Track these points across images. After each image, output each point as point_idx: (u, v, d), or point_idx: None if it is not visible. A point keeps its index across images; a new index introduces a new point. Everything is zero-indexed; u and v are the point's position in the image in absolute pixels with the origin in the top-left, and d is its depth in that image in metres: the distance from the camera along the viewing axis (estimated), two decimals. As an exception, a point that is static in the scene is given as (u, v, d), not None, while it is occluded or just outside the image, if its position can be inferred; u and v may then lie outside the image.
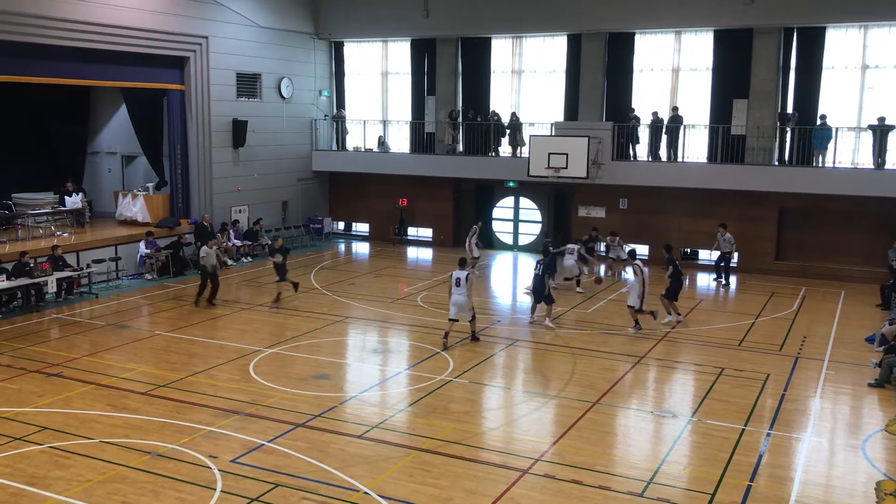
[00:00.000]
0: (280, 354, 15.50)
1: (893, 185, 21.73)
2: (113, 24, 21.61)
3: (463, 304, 16.15)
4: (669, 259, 18.29)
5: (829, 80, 23.39)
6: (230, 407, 12.59)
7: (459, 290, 16.13)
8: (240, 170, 26.33)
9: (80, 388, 13.46)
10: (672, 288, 18.12)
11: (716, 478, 10.30)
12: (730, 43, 24.12)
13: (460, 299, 16.14)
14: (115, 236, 22.72)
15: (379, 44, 29.64)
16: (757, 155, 23.81)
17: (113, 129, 27.72)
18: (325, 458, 10.68)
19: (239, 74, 26.04)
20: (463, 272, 16.23)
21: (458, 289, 16.15)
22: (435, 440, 11.36)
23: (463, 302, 16.13)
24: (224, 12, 25.23)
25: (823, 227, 23.62)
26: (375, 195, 29.52)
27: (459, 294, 16.14)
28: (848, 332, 17.58)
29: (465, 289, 16.09)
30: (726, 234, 22.49)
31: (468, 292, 16.16)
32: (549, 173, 24.16)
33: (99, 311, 19.07)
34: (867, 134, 22.52)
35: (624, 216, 25.72)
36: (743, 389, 13.70)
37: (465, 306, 16.17)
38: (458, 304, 16.17)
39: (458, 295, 16.16)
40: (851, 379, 14.38)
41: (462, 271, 16.26)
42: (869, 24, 22.69)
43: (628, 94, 25.64)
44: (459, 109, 27.98)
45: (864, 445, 11.47)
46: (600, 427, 12.07)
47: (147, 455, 10.73)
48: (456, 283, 16.19)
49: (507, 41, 27.48)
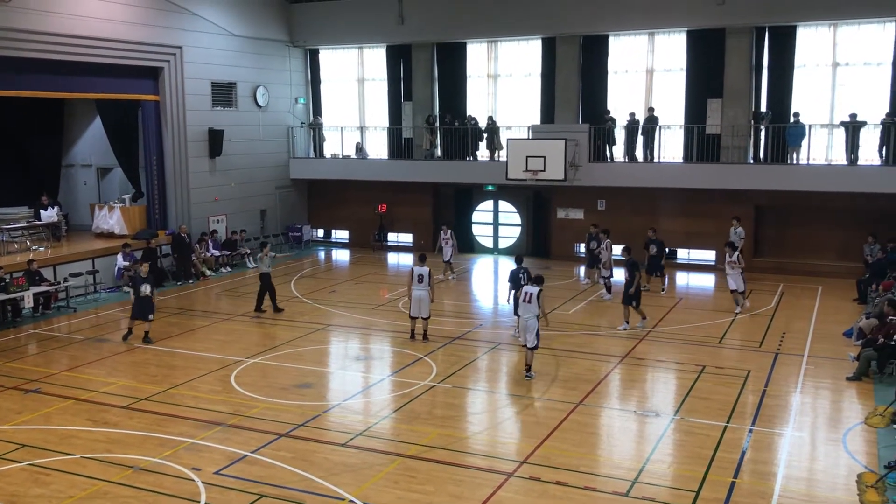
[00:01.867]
0: (262, 364, 15.41)
1: (866, 180, 21.99)
2: (86, 35, 21.42)
3: (424, 300, 16.43)
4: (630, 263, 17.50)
5: (801, 78, 23.66)
6: (212, 418, 12.50)
7: (421, 286, 16.42)
8: (217, 179, 26.19)
9: (59, 403, 13.31)
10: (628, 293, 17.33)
11: (700, 475, 10.36)
12: (703, 43, 24.34)
13: (422, 294, 16.42)
14: (92, 249, 22.51)
15: (354, 50, 29.62)
16: (732, 153, 24.02)
17: (88, 142, 27.48)
18: (310, 468, 10.63)
19: (214, 83, 25.91)
20: (425, 268, 16.50)
21: (419, 285, 16.43)
22: (419, 446, 11.34)
23: (424, 297, 16.42)
24: (198, 22, 25.10)
25: (799, 223, 23.87)
26: (354, 202, 29.47)
27: (421, 290, 16.42)
28: (826, 327, 17.75)
29: (426, 285, 16.38)
30: (738, 228, 22.27)
31: (430, 289, 16.49)
32: (527, 176, 24.23)
33: (77, 325, 18.89)
34: (840, 130, 22.79)
35: (602, 217, 25.77)
36: (724, 387, 13.80)
37: (426, 302, 16.45)
38: (419, 300, 16.48)
39: (419, 290, 16.44)
40: (831, 373, 14.53)
41: (423, 267, 16.53)
42: (838, 23, 22.97)
43: (603, 96, 25.78)
44: (437, 114, 28.02)
45: (845, 439, 11.59)
46: (584, 428, 12.11)
47: (129, 469, 10.63)
48: (418, 280, 16.44)
49: (483, 45, 27.55)
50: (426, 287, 16.41)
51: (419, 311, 16.59)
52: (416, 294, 16.48)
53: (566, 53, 25.91)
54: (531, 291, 14.28)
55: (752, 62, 23.87)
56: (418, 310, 16.58)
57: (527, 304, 14.23)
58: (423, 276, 16.42)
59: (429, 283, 16.44)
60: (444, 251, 23.10)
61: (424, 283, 16.40)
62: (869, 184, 21.90)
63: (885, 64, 22.62)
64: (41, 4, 20.26)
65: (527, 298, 14.24)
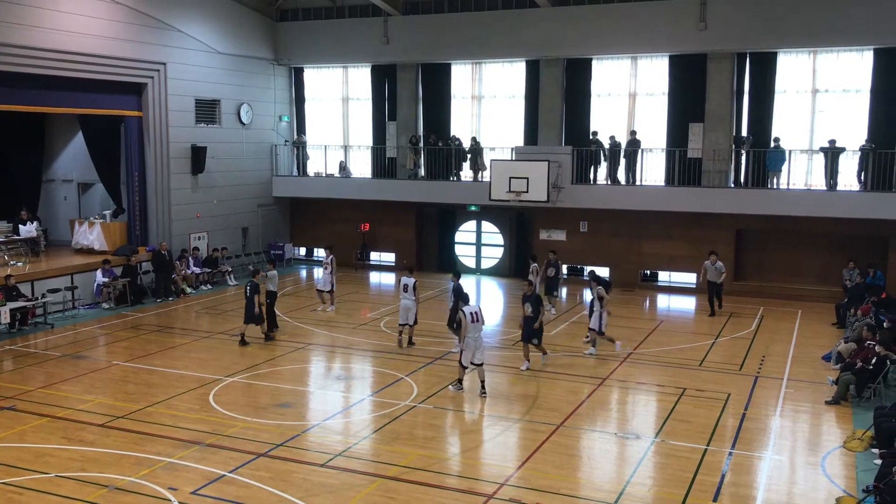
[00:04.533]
0: (241, 383, 15.28)
1: (845, 205, 22.24)
2: (69, 50, 21.33)
3: (410, 308, 17.46)
4: (534, 297, 16.33)
5: (782, 103, 23.95)
6: (190, 437, 12.36)
7: (407, 294, 17.52)
8: (199, 196, 26.07)
9: (34, 421, 13.11)
10: (531, 329, 16.14)
11: (680, 498, 10.35)
12: (685, 68, 24.61)
13: (408, 303, 17.49)
14: (72, 265, 22.30)
15: (339, 69, 29.69)
16: (713, 177, 24.23)
17: (69, 157, 27.29)
18: (288, 488, 10.52)
19: (198, 100, 25.86)
20: (411, 279, 17.62)
21: (405, 294, 17.56)
22: (399, 467, 11.26)
23: (410, 306, 17.47)
24: (183, 38, 25.09)
25: (780, 247, 24.07)
26: (337, 220, 29.42)
27: (407, 299, 17.52)
28: (805, 350, 17.86)
29: (412, 294, 17.45)
30: (717, 263, 21.37)
31: (415, 298, 17.51)
32: (510, 197, 24.32)
33: (54, 341, 18.66)
34: (819, 156, 23.07)
35: (585, 239, 25.96)
36: (704, 409, 13.83)
37: (412, 311, 17.48)
38: (406, 309, 17.55)
39: (405, 300, 17.54)
40: (810, 397, 14.60)
41: (410, 278, 17.67)
42: (818, 50, 23.31)
43: (587, 119, 25.96)
44: (421, 134, 28.10)
45: (824, 462, 11.63)
46: (565, 450, 12.08)
47: (104, 489, 10.47)
48: (404, 289, 17.60)
49: (467, 67, 27.70)
50: (411, 297, 17.43)
51: (406, 319, 17.59)
52: (403, 303, 17.58)
53: (550, 76, 26.11)
54: (477, 310, 14.74)
55: (733, 87, 24.15)
56: (405, 317, 17.58)
57: (478, 324, 14.57)
58: (409, 286, 17.47)
59: (413, 294, 17.45)
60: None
61: (409, 293, 17.45)
62: (848, 209, 22.15)
63: (863, 91, 22.95)
64: (25, 19, 20.19)
65: (477, 318, 14.55)
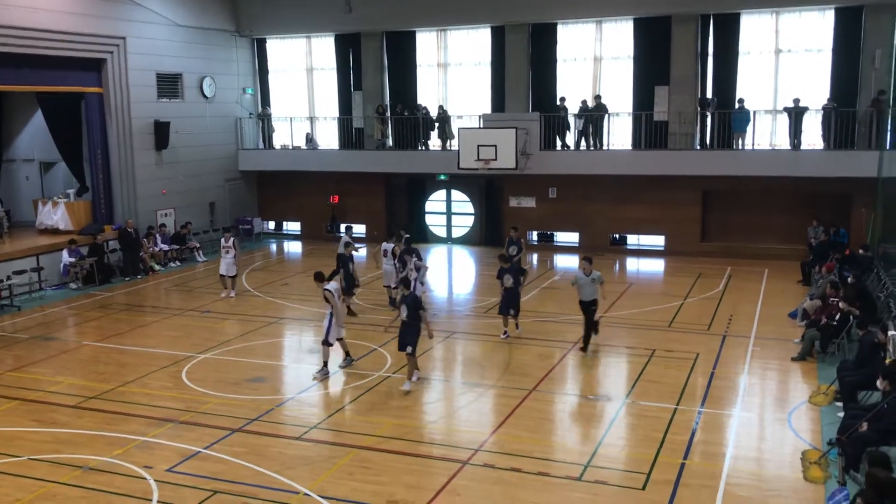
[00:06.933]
0: (213, 359, 15.24)
1: (809, 165, 22.48)
2: (25, 26, 20.81)
3: (390, 272, 18.29)
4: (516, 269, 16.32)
5: (746, 64, 24.09)
6: (164, 415, 12.33)
7: (388, 259, 18.46)
8: (164, 172, 25.73)
9: (4, 404, 12.99)
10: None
11: (651, 457, 10.55)
12: (649, 31, 24.60)
13: (388, 268, 18.44)
14: (37, 246, 21.96)
15: (302, 40, 29.30)
16: (679, 140, 24.37)
17: (29, 135, 26.75)
18: (264, 462, 10.56)
19: (159, 75, 25.42)
20: (390, 244, 18.59)
21: (386, 259, 18.51)
22: (375, 437, 11.35)
23: (391, 270, 18.31)
24: (141, 12, 24.57)
25: (746, 208, 24.33)
26: (306, 193, 29.21)
27: (388, 264, 18.46)
28: (772, 308, 18.17)
29: (391, 259, 18.34)
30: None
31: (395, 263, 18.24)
32: (479, 165, 24.31)
33: (22, 323, 18.44)
34: (783, 116, 23.27)
35: (554, 205, 26.05)
36: (674, 370, 14.05)
37: (392, 274, 18.23)
38: (387, 273, 18.52)
39: (387, 265, 18.52)
40: (777, 354, 14.89)
41: (389, 244, 18.65)
42: (780, 10, 23.41)
43: (553, 85, 25.92)
44: (387, 104, 27.89)
45: (790, 417, 11.90)
46: (537, 414, 12.23)
47: (79, 469, 10.44)
48: (384, 254, 18.59)
49: (432, 34, 27.47)
50: (390, 260, 18.35)
51: (389, 282, 18.51)
52: (384, 268, 18.63)
53: (515, 42, 25.99)
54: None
55: (697, 49, 24.22)
56: (388, 281, 18.55)
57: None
58: (388, 251, 18.47)
59: (392, 259, 18.29)
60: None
61: (389, 258, 18.41)
62: (812, 168, 22.39)
63: (825, 51, 23.14)
64: (-24, -6, 19.69)
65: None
